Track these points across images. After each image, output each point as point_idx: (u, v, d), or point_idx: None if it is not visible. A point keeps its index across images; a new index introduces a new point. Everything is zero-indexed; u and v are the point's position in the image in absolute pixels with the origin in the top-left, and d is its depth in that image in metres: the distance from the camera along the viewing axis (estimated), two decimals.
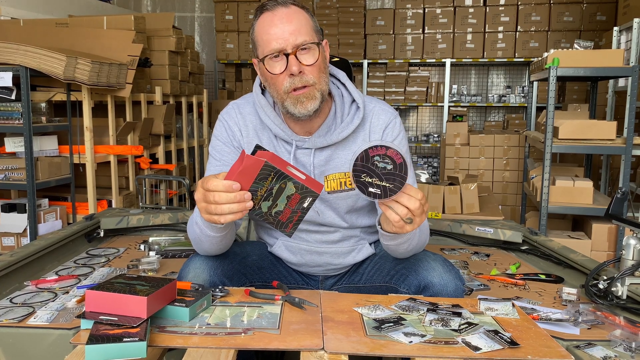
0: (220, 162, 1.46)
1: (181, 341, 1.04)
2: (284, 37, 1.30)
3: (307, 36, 1.32)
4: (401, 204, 1.15)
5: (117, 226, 2.32)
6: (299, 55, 1.31)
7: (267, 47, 1.32)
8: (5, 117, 3.20)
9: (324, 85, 1.37)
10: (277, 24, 1.31)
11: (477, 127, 7.06)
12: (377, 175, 1.13)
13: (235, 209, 1.10)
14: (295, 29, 1.31)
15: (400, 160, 1.12)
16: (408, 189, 1.15)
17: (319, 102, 1.36)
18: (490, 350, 1.05)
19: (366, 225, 1.55)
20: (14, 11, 4.62)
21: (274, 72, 1.33)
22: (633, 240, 1.57)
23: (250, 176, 1.09)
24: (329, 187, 1.46)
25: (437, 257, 1.41)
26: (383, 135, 1.48)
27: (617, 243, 3.40)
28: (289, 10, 1.33)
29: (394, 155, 1.12)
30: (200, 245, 1.36)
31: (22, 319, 1.35)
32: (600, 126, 3.45)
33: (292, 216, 1.16)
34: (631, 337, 1.25)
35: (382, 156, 1.12)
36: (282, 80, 1.33)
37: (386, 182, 1.13)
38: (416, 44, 6.43)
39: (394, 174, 1.12)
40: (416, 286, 1.38)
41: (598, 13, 6.01)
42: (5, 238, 3.35)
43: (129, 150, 3.80)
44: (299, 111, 1.35)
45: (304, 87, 1.33)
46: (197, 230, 1.31)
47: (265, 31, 1.33)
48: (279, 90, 1.35)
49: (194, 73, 5.08)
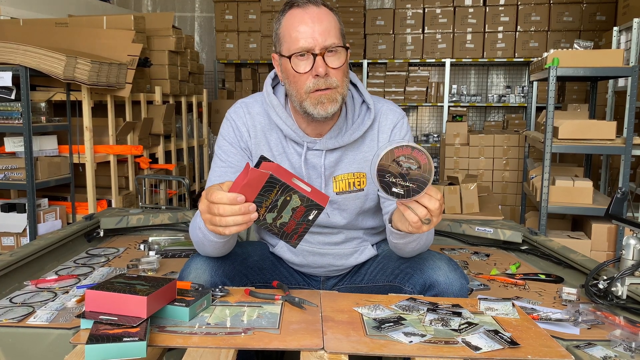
0: (226, 163, 1.45)
1: (181, 341, 1.04)
2: (314, 37, 1.29)
3: (336, 39, 1.32)
4: (421, 205, 1.14)
5: (117, 226, 2.32)
6: (326, 57, 1.30)
7: (294, 45, 1.31)
8: (5, 116, 3.20)
9: (345, 90, 1.37)
10: (308, 22, 1.30)
11: (476, 127, 7.06)
12: (401, 175, 1.11)
13: (240, 221, 1.09)
14: (325, 29, 1.30)
15: (425, 161, 1.11)
16: (429, 189, 1.13)
17: (338, 106, 1.35)
18: (490, 350, 1.05)
19: (370, 227, 1.55)
20: (13, 11, 4.62)
21: (299, 70, 1.32)
22: (633, 240, 1.57)
23: (254, 188, 1.08)
24: (338, 188, 1.45)
25: (442, 257, 1.41)
26: (391, 135, 1.49)
27: (616, 243, 3.40)
28: (320, 10, 1.32)
29: (419, 155, 1.11)
30: (203, 248, 1.35)
31: (21, 318, 1.35)
32: (600, 126, 3.45)
33: (297, 228, 1.15)
34: (631, 337, 1.25)
35: (407, 157, 1.10)
36: (306, 80, 1.32)
37: (410, 182, 1.12)
38: (416, 44, 6.43)
39: (419, 174, 1.11)
40: (421, 285, 1.37)
41: (598, 13, 6.02)
42: (4, 238, 3.35)
43: (128, 150, 3.80)
44: (318, 112, 1.33)
45: (327, 89, 1.32)
46: (200, 235, 1.30)
47: (295, 28, 1.31)
48: (300, 90, 1.34)
49: (193, 73, 5.08)
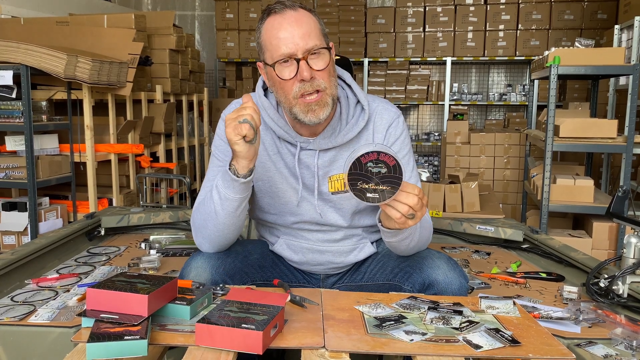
0: (223, 162, 1.45)
1: (182, 339, 1.04)
2: (295, 42, 1.28)
3: (317, 40, 1.31)
4: (401, 202, 1.16)
5: (118, 225, 2.32)
6: (310, 60, 1.30)
7: (276, 52, 1.30)
8: (6, 115, 3.20)
9: (334, 90, 1.36)
10: (287, 28, 1.29)
11: (477, 125, 7.06)
12: (373, 180, 1.13)
13: (250, 113, 1.18)
14: (305, 33, 1.29)
15: (393, 162, 1.12)
16: (404, 186, 1.16)
17: (330, 109, 1.35)
18: (491, 348, 1.05)
19: (368, 225, 1.55)
20: (14, 10, 4.62)
21: (284, 77, 1.31)
22: (634, 239, 1.56)
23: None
24: (333, 188, 1.45)
25: (442, 255, 1.41)
26: (386, 134, 1.48)
27: (618, 241, 3.40)
28: (297, 14, 1.31)
29: (386, 158, 1.12)
30: (211, 223, 1.34)
31: (23, 317, 1.35)
32: (601, 124, 3.44)
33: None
34: (632, 335, 1.25)
35: (375, 161, 1.12)
36: (292, 86, 1.31)
37: (383, 185, 1.14)
38: (417, 42, 6.43)
39: (390, 176, 1.13)
40: (420, 284, 1.38)
41: (599, 11, 6.01)
42: (6, 236, 3.35)
43: (129, 148, 3.80)
44: (310, 119, 1.33)
45: (316, 91, 1.32)
46: (216, 197, 1.31)
47: (274, 35, 1.30)
48: (288, 96, 1.33)
49: (194, 71, 5.08)
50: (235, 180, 1.27)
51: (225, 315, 1.04)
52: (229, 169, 1.27)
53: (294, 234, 1.53)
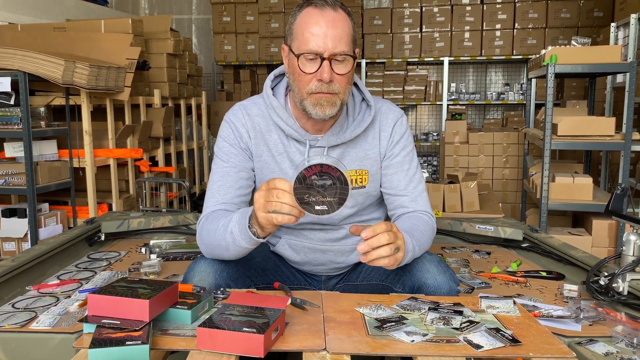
0: (228, 164, 1.46)
1: (184, 344, 1.04)
2: (325, 42, 1.29)
3: (346, 47, 1.32)
4: (379, 247, 1.15)
5: (118, 229, 2.32)
6: (334, 63, 1.31)
7: (304, 45, 1.31)
8: (5, 122, 3.20)
9: (346, 96, 1.37)
10: (322, 26, 1.30)
11: (476, 125, 7.06)
12: (319, 193, 1.13)
13: (295, 213, 1.13)
14: (337, 35, 1.30)
15: (337, 174, 1.12)
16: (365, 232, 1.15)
17: (337, 110, 1.36)
18: (492, 348, 1.05)
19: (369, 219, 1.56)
20: (11, 16, 4.62)
21: (305, 70, 1.32)
22: (633, 236, 1.57)
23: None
24: None
25: (433, 258, 1.41)
26: (392, 132, 1.50)
27: (617, 239, 3.40)
28: (336, 15, 1.32)
29: (330, 170, 1.12)
30: (219, 252, 1.34)
31: (24, 323, 1.36)
32: (599, 122, 3.45)
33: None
34: (633, 333, 1.25)
35: (319, 174, 1.12)
36: (309, 81, 1.33)
37: (329, 197, 1.13)
38: (414, 43, 6.43)
39: (335, 186, 1.12)
40: (410, 287, 1.39)
41: (595, 9, 6.02)
42: (6, 243, 3.35)
43: (128, 153, 3.80)
44: (316, 113, 1.35)
45: (328, 93, 1.33)
46: (229, 239, 1.28)
47: (307, 28, 1.31)
48: (302, 89, 1.35)
49: (192, 75, 5.08)
50: (252, 239, 1.25)
51: (226, 319, 1.04)
52: (249, 226, 1.23)
53: (295, 233, 1.54)
